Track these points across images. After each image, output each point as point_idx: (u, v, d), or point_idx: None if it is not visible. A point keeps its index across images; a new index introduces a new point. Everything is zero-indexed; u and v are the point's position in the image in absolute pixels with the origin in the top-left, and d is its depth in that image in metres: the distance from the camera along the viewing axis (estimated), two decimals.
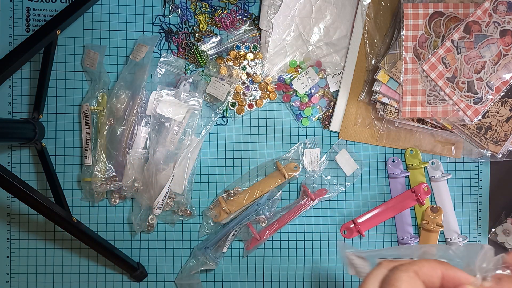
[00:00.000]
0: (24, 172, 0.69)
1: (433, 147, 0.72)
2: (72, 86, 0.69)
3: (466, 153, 0.73)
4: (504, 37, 0.64)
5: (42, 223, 0.69)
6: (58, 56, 0.69)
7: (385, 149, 0.73)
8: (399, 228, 0.73)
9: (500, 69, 0.64)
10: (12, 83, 0.69)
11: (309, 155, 0.71)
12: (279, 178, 0.70)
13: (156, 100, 0.67)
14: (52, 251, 0.70)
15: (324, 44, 0.71)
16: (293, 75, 0.71)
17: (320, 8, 0.71)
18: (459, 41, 0.64)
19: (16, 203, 0.69)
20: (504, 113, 0.67)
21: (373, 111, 0.71)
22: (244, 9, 0.71)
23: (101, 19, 0.69)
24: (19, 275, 0.69)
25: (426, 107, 0.66)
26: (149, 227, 0.69)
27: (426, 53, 0.65)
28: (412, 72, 0.66)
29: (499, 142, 0.67)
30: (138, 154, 0.67)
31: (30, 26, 0.69)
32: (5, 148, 0.69)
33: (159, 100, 0.67)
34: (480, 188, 0.74)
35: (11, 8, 0.68)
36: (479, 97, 0.65)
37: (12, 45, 0.68)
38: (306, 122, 0.72)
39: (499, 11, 0.63)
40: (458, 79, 0.65)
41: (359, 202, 0.73)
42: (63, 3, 0.69)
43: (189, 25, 0.70)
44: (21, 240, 0.69)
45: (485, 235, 0.74)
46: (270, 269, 0.72)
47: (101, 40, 0.69)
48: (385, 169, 0.73)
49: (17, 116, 0.69)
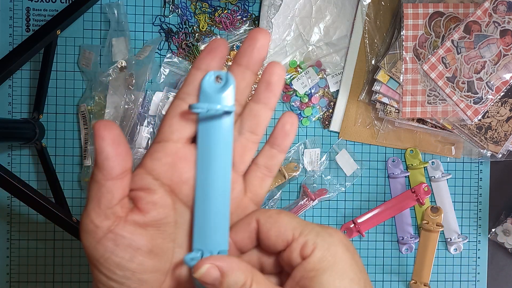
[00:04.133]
0: (24, 172, 0.69)
1: (433, 147, 0.72)
2: (72, 86, 0.69)
3: (466, 153, 0.73)
4: (504, 37, 0.64)
5: (42, 223, 0.69)
6: (58, 56, 0.69)
7: (385, 149, 0.73)
8: (399, 228, 0.73)
9: (500, 69, 0.64)
10: (12, 83, 0.69)
11: (309, 155, 0.71)
12: (279, 178, 0.70)
13: (162, 101, 0.67)
14: (52, 251, 0.70)
15: (324, 44, 0.71)
16: (293, 75, 0.71)
17: (320, 8, 0.71)
18: (459, 41, 0.64)
19: (16, 203, 0.69)
20: (504, 113, 0.67)
21: (373, 111, 0.71)
22: (244, 9, 0.71)
23: (101, 19, 0.69)
24: (19, 275, 0.69)
25: (426, 107, 0.66)
26: None
27: (426, 53, 0.65)
28: (412, 72, 0.66)
29: (499, 142, 0.67)
30: (140, 154, 0.67)
31: (30, 26, 0.69)
32: (5, 148, 0.69)
33: (165, 101, 0.67)
34: (480, 188, 0.74)
35: (11, 8, 0.68)
36: (479, 97, 0.65)
37: (12, 45, 0.68)
38: (306, 122, 0.72)
39: (499, 11, 0.63)
40: (458, 79, 0.65)
41: (359, 202, 0.73)
42: (63, 3, 0.69)
43: (189, 25, 0.70)
44: (21, 240, 0.69)
45: (485, 235, 0.74)
46: None
47: (101, 40, 0.69)
48: (385, 169, 0.73)
49: (17, 116, 0.69)
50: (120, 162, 0.27)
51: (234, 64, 0.30)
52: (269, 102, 0.30)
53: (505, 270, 0.75)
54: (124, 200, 0.28)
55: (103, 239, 0.28)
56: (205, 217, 0.29)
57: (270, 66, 0.30)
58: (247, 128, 0.30)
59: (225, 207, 0.30)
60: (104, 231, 0.28)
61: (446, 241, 0.74)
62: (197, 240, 0.30)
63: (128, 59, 0.68)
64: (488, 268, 0.74)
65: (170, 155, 0.29)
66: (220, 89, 0.29)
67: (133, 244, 0.28)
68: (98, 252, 0.28)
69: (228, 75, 0.29)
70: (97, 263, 0.28)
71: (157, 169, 0.29)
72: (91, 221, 0.28)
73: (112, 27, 0.68)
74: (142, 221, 0.28)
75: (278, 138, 0.31)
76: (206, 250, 0.30)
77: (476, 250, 0.74)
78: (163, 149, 0.29)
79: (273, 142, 0.31)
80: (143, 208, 0.29)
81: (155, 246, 0.29)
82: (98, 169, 0.27)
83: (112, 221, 0.28)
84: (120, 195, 0.28)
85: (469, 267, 0.74)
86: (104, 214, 0.27)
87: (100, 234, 0.28)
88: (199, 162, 0.29)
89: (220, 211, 0.30)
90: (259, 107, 0.30)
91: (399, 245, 0.73)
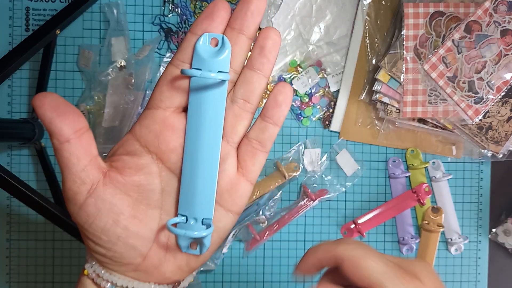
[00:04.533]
0: (24, 172, 0.69)
1: (434, 147, 0.72)
2: (71, 86, 0.69)
3: (467, 153, 0.73)
4: (505, 37, 0.63)
5: (42, 223, 0.69)
6: (58, 56, 0.69)
7: (386, 149, 0.73)
8: (400, 229, 0.73)
9: (500, 69, 0.64)
10: (12, 82, 0.68)
11: (310, 155, 0.71)
12: (279, 179, 0.70)
13: None
14: (52, 251, 0.70)
15: (325, 43, 0.71)
16: (293, 75, 0.70)
17: (320, 7, 0.71)
18: (459, 40, 0.64)
19: (15, 203, 0.69)
20: (505, 113, 0.67)
21: (374, 111, 0.71)
22: None
23: (101, 19, 0.69)
24: (19, 275, 0.69)
25: (427, 107, 0.66)
26: None
27: (426, 53, 0.65)
28: (412, 72, 0.66)
29: (500, 142, 0.67)
30: None
31: (29, 26, 0.68)
32: (4, 148, 0.69)
33: None
34: (481, 188, 0.74)
35: (10, 8, 0.68)
36: (479, 97, 0.64)
37: (12, 45, 0.68)
38: (306, 122, 0.71)
39: (500, 11, 0.63)
40: (459, 79, 0.65)
41: (359, 202, 0.73)
42: (63, 2, 0.69)
43: (188, 24, 0.70)
44: (20, 240, 0.69)
45: (485, 235, 0.74)
46: (270, 269, 0.72)
47: (100, 40, 0.69)
48: (386, 169, 0.73)
49: (16, 116, 0.69)
50: (68, 122, 0.27)
51: (228, 27, 0.29)
52: (263, 68, 0.29)
53: (506, 270, 0.74)
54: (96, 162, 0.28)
55: (84, 205, 0.28)
56: (192, 183, 0.29)
57: (265, 30, 0.29)
58: (240, 95, 0.29)
59: (212, 175, 0.29)
60: (83, 196, 0.28)
61: (446, 242, 0.74)
62: (182, 206, 0.30)
63: (127, 59, 0.67)
64: (488, 269, 0.74)
65: (158, 123, 0.29)
66: (215, 53, 0.28)
67: (114, 208, 0.28)
68: (82, 219, 0.28)
69: (224, 38, 0.28)
70: (83, 229, 0.29)
71: (145, 136, 0.29)
72: (69, 188, 0.28)
73: (111, 27, 0.68)
74: (122, 184, 0.28)
75: (269, 109, 0.30)
76: (190, 216, 0.30)
77: (476, 251, 0.74)
78: (151, 116, 0.29)
79: (265, 113, 0.30)
80: (126, 172, 0.29)
81: (138, 211, 0.29)
82: (50, 136, 0.27)
83: (90, 185, 0.28)
84: (85, 155, 0.28)
85: (469, 267, 0.74)
86: (78, 178, 0.28)
87: (81, 199, 0.28)
88: (188, 130, 0.29)
89: (207, 178, 0.29)
90: (252, 74, 0.29)
91: (400, 246, 0.73)
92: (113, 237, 0.28)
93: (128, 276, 0.30)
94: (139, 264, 0.30)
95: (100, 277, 0.30)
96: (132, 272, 0.30)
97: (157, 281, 0.31)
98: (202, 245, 0.30)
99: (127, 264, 0.30)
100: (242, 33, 0.28)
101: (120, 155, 0.29)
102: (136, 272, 0.30)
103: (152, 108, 0.29)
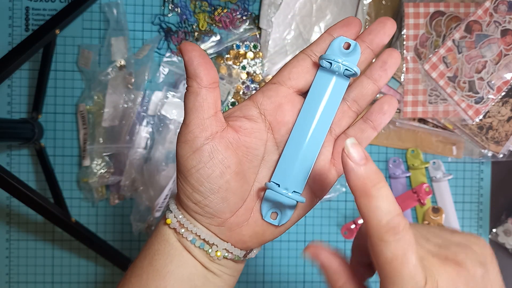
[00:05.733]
0: (23, 172, 0.69)
1: (434, 147, 0.72)
2: (71, 86, 0.69)
3: (467, 153, 0.73)
4: (505, 37, 0.63)
5: (41, 223, 0.69)
6: (57, 55, 0.69)
7: (386, 149, 0.73)
8: None
9: (501, 68, 0.64)
10: (11, 82, 0.68)
11: None
12: None
13: (161, 101, 0.67)
14: (52, 251, 0.69)
15: None
16: None
17: (320, 7, 0.70)
18: (460, 40, 0.64)
19: (15, 203, 0.69)
20: (505, 113, 0.67)
21: None
22: (244, 8, 0.70)
23: (100, 19, 0.69)
24: (19, 276, 0.69)
25: (427, 107, 0.66)
26: (149, 228, 0.68)
27: (427, 53, 0.65)
28: (413, 72, 0.66)
29: (500, 142, 0.67)
30: (138, 154, 0.67)
31: (29, 26, 0.68)
32: (4, 148, 0.69)
33: (164, 101, 0.66)
34: (481, 188, 0.74)
35: (10, 7, 0.68)
36: (480, 97, 0.64)
37: (12, 45, 0.68)
38: None
39: (500, 11, 0.63)
40: (459, 78, 0.64)
41: None
42: (62, 2, 0.69)
43: (188, 24, 0.70)
44: (20, 240, 0.69)
45: (485, 236, 0.74)
46: (270, 269, 0.72)
47: (100, 39, 0.69)
48: (386, 169, 0.73)
49: (16, 116, 0.69)
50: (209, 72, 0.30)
51: (358, 39, 0.32)
52: (379, 80, 0.32)
53: (506, 270, 0.74)
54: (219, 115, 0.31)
55: (200, 150, 0.30)
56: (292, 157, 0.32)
57: (389, 49, 0.32)
58: (352, 96, 0.33)
59: (313, 155, 0.32)
60: (201, 141, 0.30)
61: None
62: (278, 175, 0.32)
63: (127, 59, 0.67)
64: None
65: (280, 96, 0.32)
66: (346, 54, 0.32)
67: (225, 161, 0.30)
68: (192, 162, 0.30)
69: (356, 44, 0.32)
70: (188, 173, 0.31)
71: (266, 104, 0.32)
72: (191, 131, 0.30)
73: (111, 27, 0.67)
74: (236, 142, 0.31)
75: (374, 114, 0.33)
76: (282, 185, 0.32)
77: None
78: (276, 89, 0.32)
79: (368, 116, 0.33)
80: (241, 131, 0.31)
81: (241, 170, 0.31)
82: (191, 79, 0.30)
83: (209, 133, 0.30)
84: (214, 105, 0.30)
85: None
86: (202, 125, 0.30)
87: (198, 144, 0.30)
88: (303, 110, 0.32)
89: (307, 156, 0.32)
90: (368, 82, 0.33)
91: None
92: (215, 186, 0.30)
93: (211, 230, 0.32)
94: (226, 220, 0.32)
95: (184, 227, 0.32)
96: (216, 226, 0.32)
97: (234, 242, 0.33)
98: (283, 216, 0.33)
99: (215, 217, 0.31)
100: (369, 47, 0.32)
101: (237, 116, 0.32)
102: (219, 228, 0.32)
103: (278, 83, 0.32)
